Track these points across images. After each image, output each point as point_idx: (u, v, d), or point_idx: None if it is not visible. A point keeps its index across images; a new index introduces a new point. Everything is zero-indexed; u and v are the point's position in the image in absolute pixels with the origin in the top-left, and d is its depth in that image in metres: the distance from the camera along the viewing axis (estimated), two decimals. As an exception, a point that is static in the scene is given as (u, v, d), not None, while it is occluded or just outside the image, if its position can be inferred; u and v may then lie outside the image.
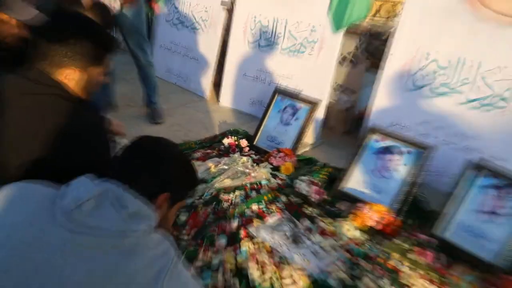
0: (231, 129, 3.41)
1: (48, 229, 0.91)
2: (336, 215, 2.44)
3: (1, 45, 1.98)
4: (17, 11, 1.98)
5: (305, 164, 2.99)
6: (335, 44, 3.29)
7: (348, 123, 3.65)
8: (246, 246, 2.08)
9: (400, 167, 2.54)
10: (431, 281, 1.98)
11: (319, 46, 3.38)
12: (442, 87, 2.82)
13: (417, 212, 2.51)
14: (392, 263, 2.05)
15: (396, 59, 2.97)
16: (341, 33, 3.26)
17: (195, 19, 4.21)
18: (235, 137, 3.17)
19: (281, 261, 2.01)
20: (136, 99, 3.97)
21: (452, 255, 2.18)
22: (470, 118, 2.72)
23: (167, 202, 1.16)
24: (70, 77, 1.44)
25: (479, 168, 2.32)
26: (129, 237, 0.95)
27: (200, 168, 2.70)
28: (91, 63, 1.47)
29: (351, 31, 3.40)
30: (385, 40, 3.14)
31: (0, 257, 0.88)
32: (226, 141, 3.12)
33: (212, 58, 4.08)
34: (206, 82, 4.13)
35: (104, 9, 2.64)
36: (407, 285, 1.94)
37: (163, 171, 1.16)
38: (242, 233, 2.18)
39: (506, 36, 2.57)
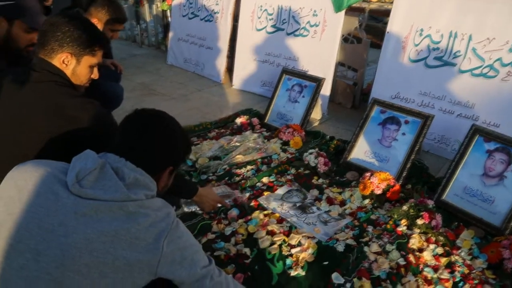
0: (244, 109, 3.20)
1: (62, 196, 0.88)
2: (344, 185, 2.24)
3: (22, 52, 1.85)
4: (35, 21, 1.83)
5: (313, 138, 2.77)
6: (337, 25, 3.03)
7: (354, 99, 3.38)
8: (257, 216, 1.89)
9: (401, 136, 2.30)
10: (440, 245, 1.75)
11: (321, 29, 3.12)
12: (436, 60, 2.57)
13: (424, 179, 2.27)
14: (400, 229, 1.82)
15: (393, 37, 2.73)
16: (342, 14, 2.98)
17: (208, 11, 3.98)
18: (247, 116, 2.96)
19: (290, 230, 1.81)
20: (158, 88, 3.79)
21: (459, 219, 1.95)
22: (464, 88, 2.49)
23: (169, 173, 1.10)
24: (67, 62, 1.37)
25: (479, 133, 2.05)
26: (132, 202, 0.91)
27: (214, 146, 2.50)
28: (85, 52, 1.38)
29: (350, 13, 3.11)
30: (382, 20, 2.86)
31: (25, 219, 0.86)
32: (238, 120, 2.92)
33: (224, 46, 3.87)
34: (220, 68, 3.94)
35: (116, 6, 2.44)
36: (415, 250, 1.72)
37: (168, 150, 1.07)
38: (253, 204, 1.98)
39: (494, 8, 2.32)
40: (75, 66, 1.39)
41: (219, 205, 1.77)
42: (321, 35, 3.11)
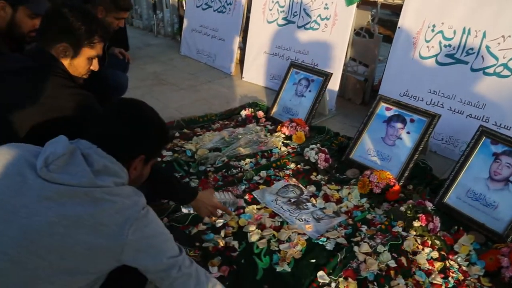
0: (250, 101, 3.16)
1: (29, 178, 0.88)
2: (344, 182, 2.18)
3: (25, 38, 1.85)
4: (39, 7, 1.83)
5: (318, 134, 2.71)
6: (348, 19, 2.94)
7: (365, 95, 3.29)
8: (250, 210, 1.86)
9: (405, 135, 2.22)
10: (436, 249, 1.68)
11: (332, 22, 3.04)
12: (447, 58, 2.45)
13: (427, 180, 2.19)
14: (396, 230, 1.76)
15: (404, 33, 2.62)
16: (353, 8, 2.89)
17: (221, 3, 3.94)
18: (252, 109, 2.92)
19: (281, 225, 1.78)
20: (169, 78, 3.80)
21: (459, 223, 1.87)
22: (475, 87, 2.36)
23: (142, 163, 1.07)
24: (64, 52, 1.35)
25: (486, 135, 1.95)
26: (99, 188, 0.90)
27: (215, 137, 2.48)
28: (83, 44, 1.36)
29: (362, 7, 3.02)
30: (397, 14, 2.75)
31: None
32: (243, 112, 2.89)
33: (236, 37, 3.84)
34: (231, 60, 3.91)
35: None
36: (409, 252, 1.65)
37: (137, 136, 1.04)
38: (247, 197, 1.96)
39: (510, 5, 2.18)
40: (73, 57, 1.37)
41: (220, 212, 1.66)
42: (332, 29, 3.03)
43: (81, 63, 1.40)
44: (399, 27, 2.61)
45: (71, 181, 0.88)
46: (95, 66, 1.46)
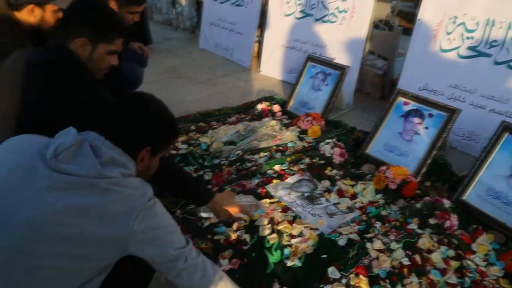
0: (267, 95, 3.14)
1: (39, 169, 0.90)
2: (359, 177, 2.14)
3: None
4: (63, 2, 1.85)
5: (334, 128, 2.66)
6: (366, 12, 2.87)
7: (384, 89, 3.21)
8: (263, 206, 1.85)
9: (423, 130, 2.15)
10: (452, 248, 1.63)
11: (350, 15, 2.97)
12: (470, 51, 2.35)
13: (445, 177, 2.12)
14: (411, 227, 1.72)
15: (424, 25, 2.53)
16: (372, 0, 2.82)
17: (238, -4, 3.93)
18: (269, 103, 2.90)
19: (294, 219, 1.76)
20: (187, 72, 3.81)
21: (478, 222, 1.80)
22: (499, 81, 2.26)
23: (149, 155, 1.06)
24: (83, 47, 1.35)
25: (509, 131, 1.87)
26: (106, 179, 0.91)
27: (230, 131, 2.48)
28: (102, 38, 1.36)
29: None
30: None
31: (3, 188, 0.90)
32: (259, 106, 2.87)
33: (253, 31, 3.81)
34: (249, 53, 3.89)
35: None
36: (424, 250, 1.61)
37: (141, 127, 1.04)
38: (260, 191, 1.95)
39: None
40: (91, 52, 1.37)
41: (240, 215, 1.61)
42: (350, 22, 2.96)
43: (99, 58, 1.40)
44: (419, 19, 2.52)
45: (79, 171, 0.89)
46: (115, 61, 1.45)
